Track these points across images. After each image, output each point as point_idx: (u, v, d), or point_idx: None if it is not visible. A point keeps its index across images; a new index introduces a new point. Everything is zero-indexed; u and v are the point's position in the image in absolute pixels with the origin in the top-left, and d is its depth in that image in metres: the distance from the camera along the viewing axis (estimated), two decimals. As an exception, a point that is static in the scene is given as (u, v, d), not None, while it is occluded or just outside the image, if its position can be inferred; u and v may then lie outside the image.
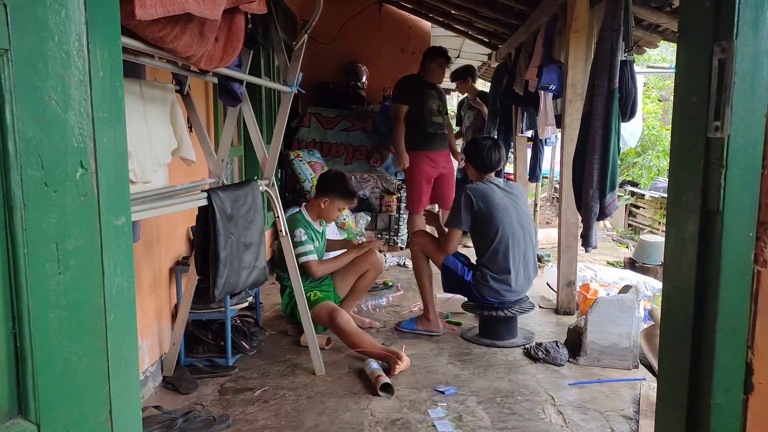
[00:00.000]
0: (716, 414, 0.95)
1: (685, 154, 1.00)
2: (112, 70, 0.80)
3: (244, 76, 2.45)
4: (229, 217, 2.36)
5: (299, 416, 2.52)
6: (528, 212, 3.50)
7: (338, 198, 3.44)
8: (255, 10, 2.09)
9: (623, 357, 3.04)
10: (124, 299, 0.84)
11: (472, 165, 3.49)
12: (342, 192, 3.46)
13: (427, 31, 6.54)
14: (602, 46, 3.10)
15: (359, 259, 3.54)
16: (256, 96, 4.41)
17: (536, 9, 4.48)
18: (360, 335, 3.12)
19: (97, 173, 0.78)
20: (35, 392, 0.72)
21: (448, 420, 2.49)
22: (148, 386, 2.69)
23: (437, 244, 3.53)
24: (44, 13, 0.70)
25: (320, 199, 3.45)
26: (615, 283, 4.35)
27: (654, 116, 12.76)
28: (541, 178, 6.83)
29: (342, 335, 3.15)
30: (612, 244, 8.45)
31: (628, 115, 3.17)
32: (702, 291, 0.97)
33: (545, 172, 11.25)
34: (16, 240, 0.69)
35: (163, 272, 2.89)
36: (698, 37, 0.96)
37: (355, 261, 3.54)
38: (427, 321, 3.59)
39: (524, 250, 3.36)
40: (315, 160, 5.45)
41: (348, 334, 3.11)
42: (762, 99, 0.91)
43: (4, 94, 0.67)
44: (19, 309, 0.70)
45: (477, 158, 3.47)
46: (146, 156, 2.13)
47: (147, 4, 1.29)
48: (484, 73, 9.35)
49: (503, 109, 6.03)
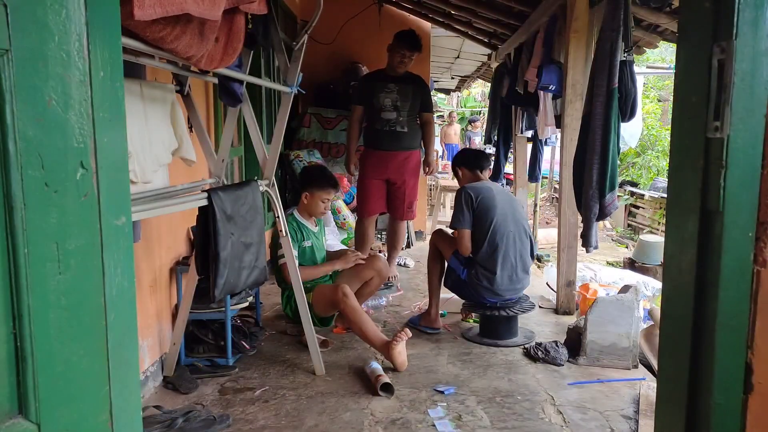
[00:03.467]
0: (716, 414, 0.95)
1: (685, 154, 1.00)
2: (112, 70, 0.80)
3: (244, 76, 2.45)
4: (229, 217, 2.36)
5: (299, 416, 2.52)
6: (523, 213, 3.51)
7: (317, 189, 3.38)
8: (255, 11, 2.09)
9: (623, 357, 3.05)
10: (125, 299, 0.84)
11: (464, 166, 3.56)
12: (319, 182, 3.39)
13: (427, 31, 6.54)
14: (602, 47, 3.10)
15: (365, 266, 3.52)
16: (256, 96, 4.41)
17: (536, 9, 4.48)
18: (365, 317, 3.07)
19: (97, 173, 0.78)
20: (35, 392, 0.72)
21: (448, 420, 2.50)
22: (148, 386, 2.69)
23: (449, 240, 3.57)
24: (44, 14, 0.70)
25: (303, 196, 3.43)
26: (615, 283, 4.36)
27: (653, 116, 12.76)
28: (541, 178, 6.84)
29: (348, 310, 3.07)
30: (612, 244, 8.46)
31: (627, 115, 3.18)
32: (702, 291, 0.97)
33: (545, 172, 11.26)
34: (17, 240, 0.70)
35: (164, 272, 2.89)
36: (698, 38, 0.96)
37: (361, 268, 3.51)
38: (428, 316, 3.60)
39: (519, 250, 3.37)
40: (315, 160, 5.45)
41: (353, 310, 3.05)
42: (762, 99, 0.91)
43: (4, 94, 0.67)
44: (20, 309, 0.71)
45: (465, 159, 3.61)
46: (146, 156, 2.13)
47: (146, 4, 1.29)
48: (483, 73, 9.36)
49: (503, 109, 6.03)
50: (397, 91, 4.27)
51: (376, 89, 4.28)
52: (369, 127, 4.41)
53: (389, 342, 2.96)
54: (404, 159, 4.35)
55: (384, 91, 4.27)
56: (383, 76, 4.32)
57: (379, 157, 4.35)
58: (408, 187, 4.42)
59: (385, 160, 4.33)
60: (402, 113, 4.30)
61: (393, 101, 4.28)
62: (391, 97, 4.28)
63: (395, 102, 4.28)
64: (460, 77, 10.88)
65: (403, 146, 4.34)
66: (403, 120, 4.31)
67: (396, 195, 4.43)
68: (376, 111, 4.29)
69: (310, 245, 3.44)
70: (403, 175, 4.38)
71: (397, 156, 4.33)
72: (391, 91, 4.27)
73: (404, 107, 4.29)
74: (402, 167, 4.36)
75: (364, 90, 4.37)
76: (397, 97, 4.27)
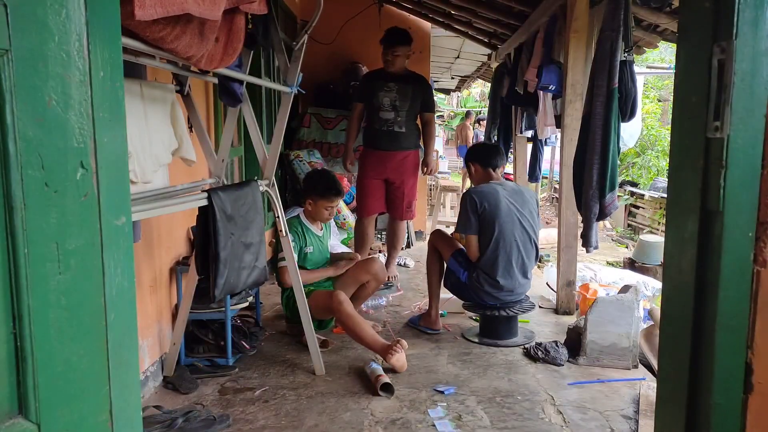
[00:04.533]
0: (716, 414, 0.95)
1: (685, 154, 1.00)
2: (112, 70, 0.80)
3: (244, 76, 2.45)
4: (229, 217, 2.36)
5: (299, 416, 2.52)
6: (535, 218, 3.43)
7: (319, 197, 3.36)
8: (256, 11, 2.09)
9: (623, 357, 3.04)
10: (125, 299, 0.84)
11: (478, 162, 3.50)
12: (321, 191, 3.35)
13: (427, 31, 6.54)
14: (602, 47, 3.10)
15: (361, 269, 3.50)
16: (256, 96, 4.41)
17: (536, 9, 4.48)
18: (361, 322, 3.05)
19: (97, 173, 0.78)
20: (35, 392, 0.72)
21: (448, 420, 2.50)
22: (148, 386, 2.69)
23: (448, 241, 3.55)
24: (44, 14, 0.70)
25: (307, 201, 3.43)
26: (615, 283, 4.35)
27: (653, 116, 12.77)
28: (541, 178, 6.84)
29: (342, 317, 3.04)
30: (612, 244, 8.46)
31: (627, 115, 3.18)
32: (702, 291, 0.97)
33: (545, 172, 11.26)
34: (17, 240, 0.70)
35: (164, 272, 2.89)
36: (698, 38, 0.96)
37: (357, 271, 3.49)
38: (428, 317, 3.60)
39: (523, 257, 3.34)
40: (315, 160, 5.45)
41: (348, 317, 3.02)
42: (761, 99, 0.91)
43: (4, 94, 0.67)
44: (20, 309, 0.71)
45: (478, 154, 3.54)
46: (147, 156, 2.13)
47: (146, 4, 1.29)
48: (483, 73, 9.36)
49: (503, 109, 6.03)
50: (396, 90, 4.23)
51: (376, 88, 4.25)
52: (368, 127, 4.40)
53: (388, 347, 2.95)
54: (402, 159, 4.33)
55: (383, 90, 4.23)
56: (384, 75, 4.28)
57: (377, 156, 4.33)
58: (407, 186, 4.40)
59: (384, 160, 4.31)
60: (400, 113, 4.26)
61: (392, 100, 4.24)
62: (390, 96, 4.24)
63: (394, 101, 4.24)
64: (460, 77, 10.88)
65: (401, 146, 4.31)
66: (401, 120, 4.27)
67: (395, 195, 4.41)
68: (375, 110, 4.27)
69: (312, 251, 3.42)
70: (401, 175, 4.36)
71: (395, 156, 4.31)
72: (390, 90, 4.23)
73: (403, 107, 4.25)
74: (400, 167, 4.34)
75: (365, 88, 4.35)
76: (396, 96, 4.23)
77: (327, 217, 3.43)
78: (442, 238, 3.64)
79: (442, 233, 3.72)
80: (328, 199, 3.36)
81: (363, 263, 3.55)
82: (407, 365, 3.00)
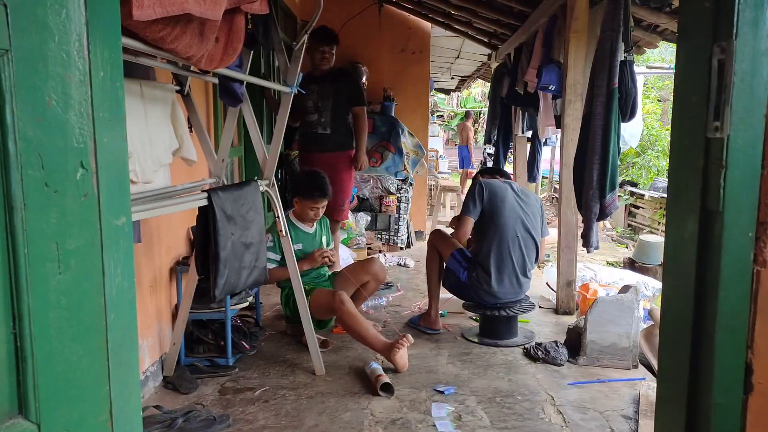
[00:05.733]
0: (716, 414, 0.95)
1: (685, 154, 1.00)
2: (112, 70, 0.80)
3: (244, 76, 2.45)
4: (229, 217, 2.36)
5: (299, 416, 2.52)
6: (538, 220, 3.45)
7: (303, 198, 3.38)
8: (257, 11, 2.09)
9: (623, 357, 3.05)
10: (125, 299, 0.84)
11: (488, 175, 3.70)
12: (306, 192, 3.37)
13: (427, 31, 6.54)
14: (602, 47, 3.10)
15: (361, 269, 3.51)
16: (256, 96, 4.41)
17: (536, 9, 4.48)
18: (363, 321, 3.06)
19: (97, 173, 0.78)
20: (35, 392, 0.72)
21: (448, 420, 2.49)
22: (148, 386, 2.69)
23: (448, 241, 3.57)
24: (44, 14, 0.70)
25: (294, 200, 3.45)
26: (615, 283, 4.35)
27: (653, 116, 12.76)
28: (540, 178, 6.83)
29: (345, 316, 3.04)
30: (612, 244, 8.46)
31: (628, 115, 3.18)
32: (702, 291, 0.97)
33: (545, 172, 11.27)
34: (17, 240, 0.69)
35: (164, 272, 2.89)
36: (698, 38, 0.96)
37: (357, 271, 3.51)
38: (428, 318, 3.60)
39: (523, 256, 3.34)
40: (315, 160, 5.44)
41: (350, 316, 3.02)
42: (761, 99, 0.91)
43: (4, 94, 0.67)
44: (20, 309, 0.70)
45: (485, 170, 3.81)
46: (147, 156, 2.13)
47: (145, 4, 1.28)
48: (483, 73, 9.36)
49: (503, 109, 6.03)
50: (317, 91, 4.14)
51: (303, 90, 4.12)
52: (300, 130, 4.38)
53: (391, 345, 2.95)
54: (328, 160, 4.18)
55: (306, 92, 3.98)
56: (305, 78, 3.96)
57: (307, 159, 4.30)
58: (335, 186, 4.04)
59: (313, 162, 4.19)
60: (324, 114, 4.17)
61: (314, 102, 4.16)
62: (312, 98, 4.15)
63: (316, 103, 4.17)
64: (460, 77, 10.89)
65: (326, 148, 4.21)
66: (325, 121, 4.18)
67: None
68: (302, 113, 4.21)
69: (300, 248, 3.40)
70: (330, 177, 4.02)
71: (321, 157, 4.20)
72: (311, 92, 4.11)
73: (326, 107, 4.16)
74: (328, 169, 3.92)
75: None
76: (317, 97, 4.15)
77: (313, 217, 3.43)
78: (442, 237, 3.64)
79: (441, 233, 3.73)
80: (313, 199, 3.36)
81: (363, 263, 3.56)
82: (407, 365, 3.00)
